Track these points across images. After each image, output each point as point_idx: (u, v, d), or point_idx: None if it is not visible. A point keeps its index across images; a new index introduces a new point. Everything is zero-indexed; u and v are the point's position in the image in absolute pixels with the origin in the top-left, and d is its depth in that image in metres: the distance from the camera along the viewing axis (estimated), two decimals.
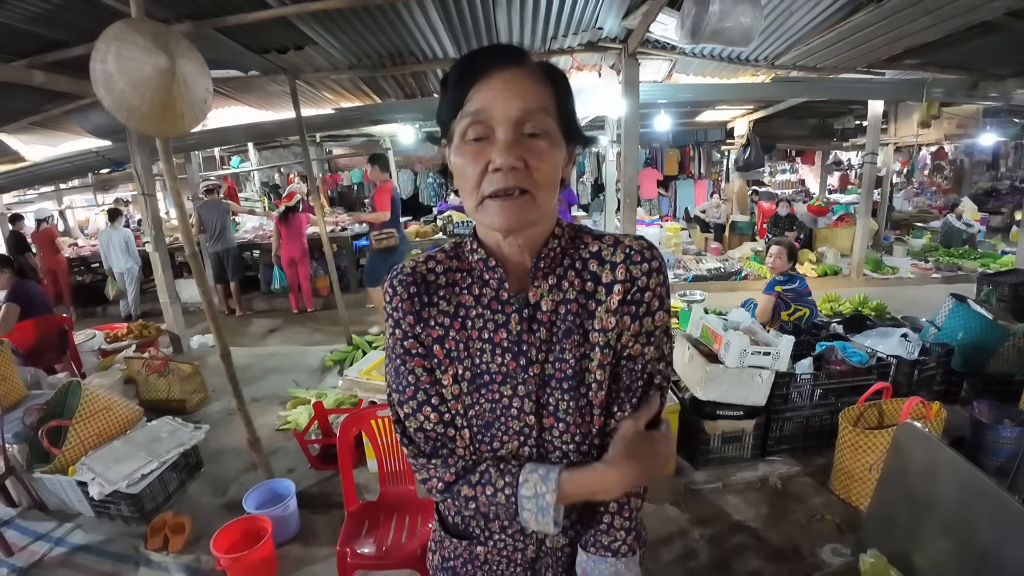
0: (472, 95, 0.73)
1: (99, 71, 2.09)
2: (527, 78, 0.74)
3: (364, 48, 4.32)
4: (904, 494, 1.82)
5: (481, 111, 0.73)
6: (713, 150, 11.89)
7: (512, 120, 0.72)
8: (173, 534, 2.55)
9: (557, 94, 0.77)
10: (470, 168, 0.74)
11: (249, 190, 10.90)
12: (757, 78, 5.45)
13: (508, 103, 0.72)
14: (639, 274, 0.81)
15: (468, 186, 0.76)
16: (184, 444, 2.96)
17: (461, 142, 0.75)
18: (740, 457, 2.97)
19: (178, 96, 2.12)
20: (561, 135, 0.77)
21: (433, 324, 0.83)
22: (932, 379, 3.23)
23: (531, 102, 0.73)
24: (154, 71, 2.07)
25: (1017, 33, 3.83)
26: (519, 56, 0.76)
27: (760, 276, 6.93)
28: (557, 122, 0.76)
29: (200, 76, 2.23)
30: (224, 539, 2.26)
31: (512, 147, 0.72)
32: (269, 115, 6.17)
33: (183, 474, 3.02)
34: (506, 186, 0.72)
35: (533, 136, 0.73)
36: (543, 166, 0.74)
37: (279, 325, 6.29)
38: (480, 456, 0.85)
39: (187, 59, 2.18)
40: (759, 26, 3.01)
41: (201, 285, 2.58)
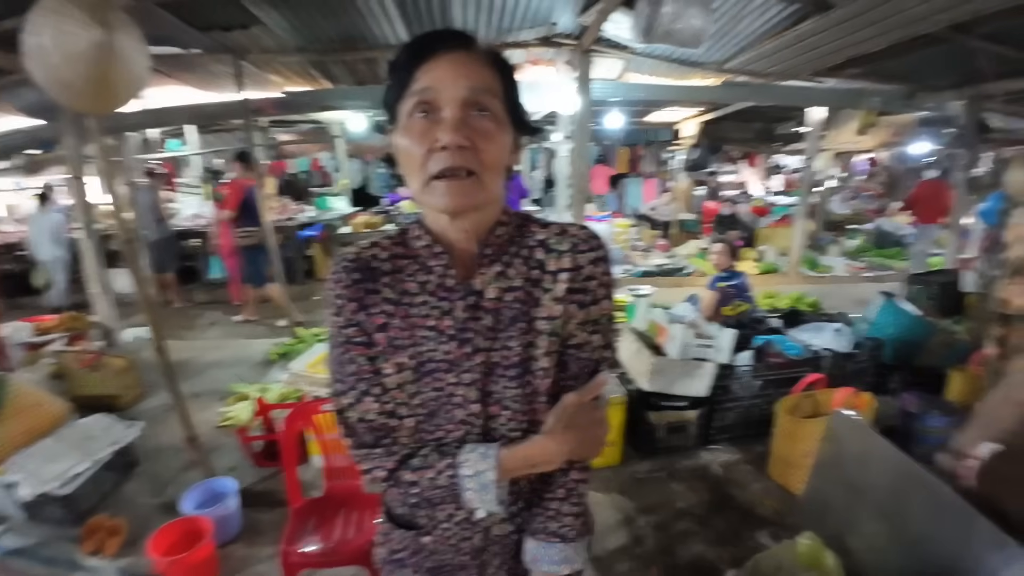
0: (419, 75, 0.73)
1: (32, 44, 1.94)
2: (475, 61, 0.74)
3: (314, 30, 4.19)
4: (837, 479, 1.93)
5: (428, 89, 0.72)
6: (662, 150, 12.18)
7: (460, 99, 0.72)
8: (109, 537, 2.42)
9: (504, 80, 0.78)
10: (415, 147, 0.73)
11: (189, 175, 10.38)
12: (707, 81, 5.60)
13: (456, 82, 0.72)
14: (585, 263, 0.82)
15: (414, 166, 0.75)
16: (118, 442, 2.81)
17: (407, 121, 0.75)
18: (684, 446, 3.07)
19: (113, 72, 2.00)
20: (508, 120, 0.77)
21: (376, 312, 0.82)
22: (864, 371, 3.43)
23: (478, 82, 0.73)
24: (90, 45, 1.94)
25: (956, 46, 4.03)
26: (467, 40, 0.76)
27: (704, 273, 7.15)
28: (504, 106, 0.76)
29: (138, 52, 2.10)
30: (162, 541, 2.16)
31: (459, 126, 0.71)
32: (211, 96, 5.89)
33: (118, 474, 2.87)
34: (453, 165, 0.72)
35: (481, 116, 0.73)
36: (490, 147, 0.74)
37: (220, 317, 6.03)
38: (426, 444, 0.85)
39: (125, 33, 2.05)
40: (709, 29, 3.10)
41: (136, 274, 2.45)
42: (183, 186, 9.47)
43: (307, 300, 6.41)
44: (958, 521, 1.43)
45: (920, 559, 1.51)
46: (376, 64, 5.24)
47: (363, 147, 11.76)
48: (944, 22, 3.44)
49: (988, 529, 1.34)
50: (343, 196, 9.79)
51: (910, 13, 3.28)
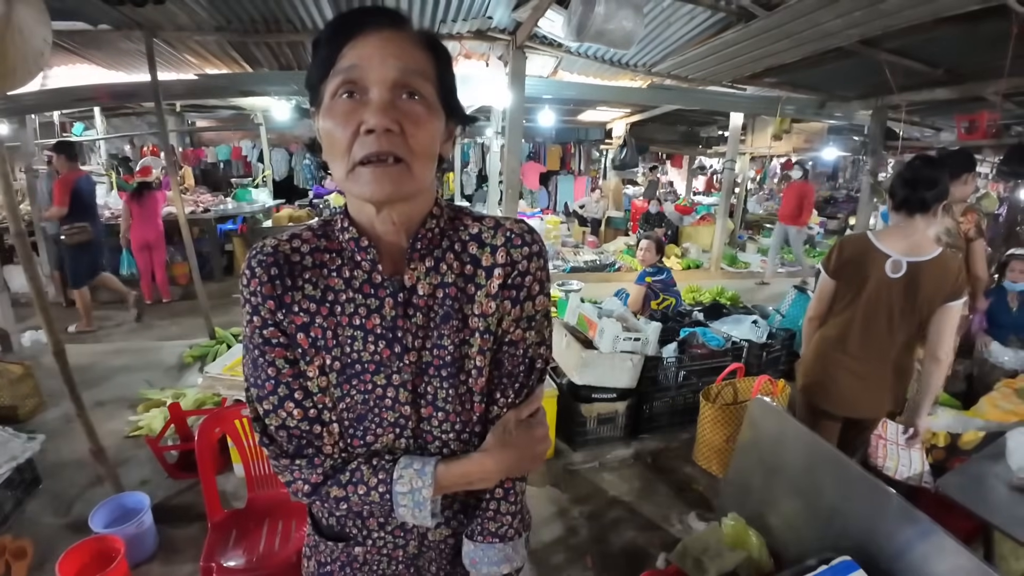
0: (346, 52, 0.68)
1: None
2: (406, 41, 0.69)
3: (234, 9, 3.94)
4: (757, 462, 2.04)
5: (355, 67, 0.67)
6: (593, 148, 12.46)
7: (388, 80, 0.67)
8: (15, 560, 2.19)
9: (438, 63, 0.73)
10: (340, 130, 0.68)
11: (94, 162, 9.54)
12: (635, 83, 5.77)
13: (385, 61, 0.67)
14: (520, 258, 0.79)
15: (338, 151, 0.69)
16: (17, 457, 2.54)
17: (331, 101, 0.69)
18: (614, 437, 3.16)
19: (11, 46, 1.78)
20: (440, 106, 0.73)
21: (297, 310, 0.76)
22: (778, 359, 3.66)
23: (410, 63, 0.68)
24: None
25: (865, 59, 4.32)
26: (399, 19, 0.71)
27: (632, 268, 7.40)
28: (436, 92, 0.72)
29: (38, 24, 1.90)
30: (71, 563, 1.99)
31: (387, 108, 0.66)
32: (120, 76, 5.42)
33: (19, 491, 2.60)
34: (379, 150, 0.66)
35: (410, 99, 0.68)
36: (420, 132, 0.69)
37: (127, 318, 5.58)
38: (352, 451, 0.80)
39: (25, 4, 1.84)
40: (640, 32, 3.18)
41: (29, 271, 2.22)
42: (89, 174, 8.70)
43: (226, 298, 6.05)
44: (869, 497, 1.53)
45: (835, 534, 1.60)
46: (301, 49, 5.02)
47: (288, 136, 11.26)
48: (855, 37, 3.65)
49: (899, 504, 1.43)
50: (266, 187, 9.34)
51: (824, 27, 3.47)
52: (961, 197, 2.95)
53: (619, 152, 9.76)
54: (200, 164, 11.17)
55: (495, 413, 0.83)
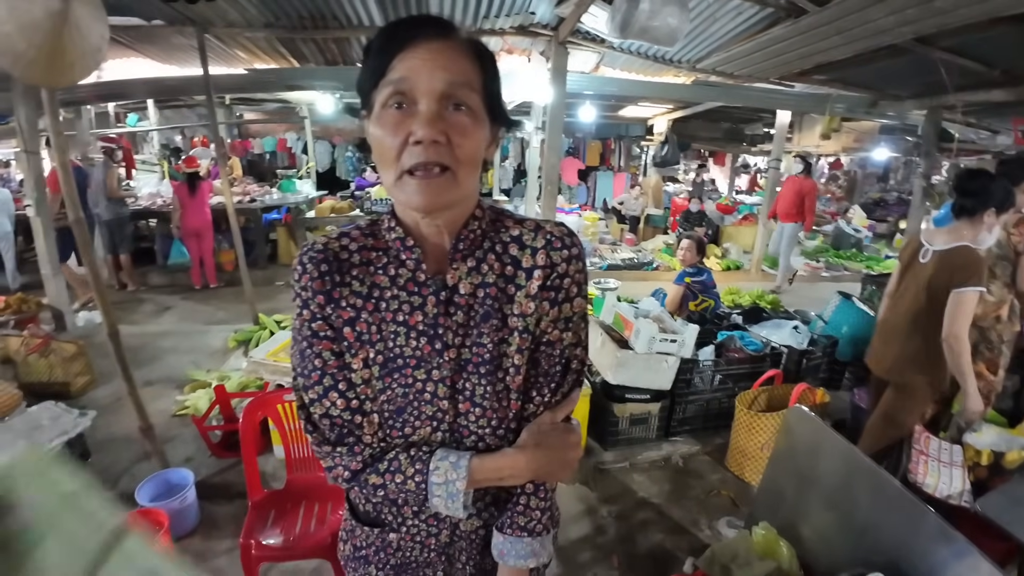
0: (395, 64, 0.70)
1: None
2: (454, 51, 0.71)
3: (283, 6, 4.05)
4: (792, 471, 1.99)
5: (404, 80, 0.69)
6: (633, 145, 12.30)
7: (436, 92, 0.69)
8: None
9: (484, 72, 0.75)
10: (389, 139, 0.71)
11: (147, 152, 9.97)
12: (679, 79, 5.67)
13: (433, 74, 0.69)
14: (559, 260, 0.81)
15: (387, 159, 0.72)
16: (68, 432, 2.68)
17: (381, 111, 0.72)
18: (646, 438, 3.13)
19: (69, 43, 1.89)
20: (486, 114, 0.75)
21: (344, 305, 0.80)
22: (818, 367, 3.55)
23: (457, 75, 0.70)
24: (45, 13, 1.83)
25: (919, 57, 4.15)
26: (447, 28, 0.72)
27: (670, 267, 7.29)
28: (482, 100, 0.74)
29: (96, 21, 1.99)
30: None
31: (435, 120, 0.69)
32: (173, 70, 5.65)
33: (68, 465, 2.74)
34: (426, 160, 0.69)
35: (457, 110, 0.71)
36: (466, 142, 0.71)
37: (177, 302, 5.82)
38: (390, 442, 0.83)
39: (82, 2, 1.94)
40: (685, 28, 3.13)
41: (86, 255, 2.34)
42: (141, 163, 9.10)
43: (269, 285, 6.27)
44: (906, 514, 1.49)
45: (868, 549, 1.57)
46: (347, 44, 5.12)
47: (331, 129, 11.51)
48: (908, 34, 3.54)
49: (935, 522, 1.39)
50: (309, 179, 9.57)
51: (876, 24, 3.38)
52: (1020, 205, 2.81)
53: (660, 149, 9.61)
54: (247, 155, 11.52)
55: (530, 411, 0.85)
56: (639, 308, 3.29)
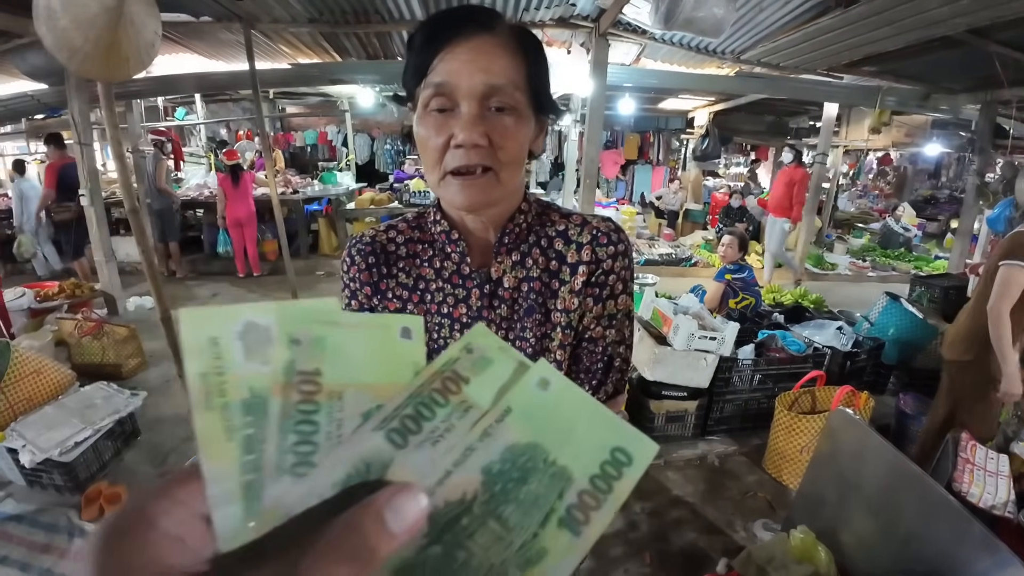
0: (436, 64, 0.68)
1: (42, 7, 1.92)
2: (497, 47, 0.69)
3: (326, 1, 4.12)
4: (833, 475, 1.94)
5: (444, 84, 0.68)
6: (673, 138, 12.07)
7: (477, 94, 0.67)
8: (108, 504, 2.44)
9: (529, 64, 0.72)
10: (432, 141, 0.70)
11: (194, 144, 10.31)
12: (722, 71, 5.53)
13: (473, 76, 0.67)
14: (605, 256, 0.81)
15: (430, 160, 0.72)
16: (120, 411, 2.82)
17: (424, 112, 0.71)
18: (682, 435, 3.09)
19: (124, 38, 1.97)
20: (530, 108, 0.73)
21: (391, 296, 0.82)
22: (863, 370, 3.44)
23: (499, 76, 0.68)
24: (101, 9, 1.91)
25: (974, 50, 3.98)
26: (490, 22, 0.70)
27: (709, 264, 7.15)
28: (527, 95, 0.72)
29: (149, 17, 2.07)
30: None
31: (476, 123, 0.67)
32: (220, 65, 5.82)
33: (119, 442, 2.88)
34: (468, 163, 0.69)
35: (500, 111, 0.69)
36: (508, 143, 0.70)
37: (223, 289, 6.04)
38: None
39: None
40: (731, 18, 3.05)
41: (142, 244, 2.44)
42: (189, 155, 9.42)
43: (311, 274, 6.43)
44: (950, 523, 1.43)
45: (910, 558, 1.52)
46: (388, 39, 5.18)
47: (371, 122, 11.68)
48: (962, 26, 3.42)
49: (980, 533, 1.34)
50: (349, 171, 9.74)
51: (929, 15, 3.27)
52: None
53: (701, 142, 9.42)
54: (289, 148, 11.81)
55: None
56: (678, 304, 3.25)
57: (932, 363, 3.61)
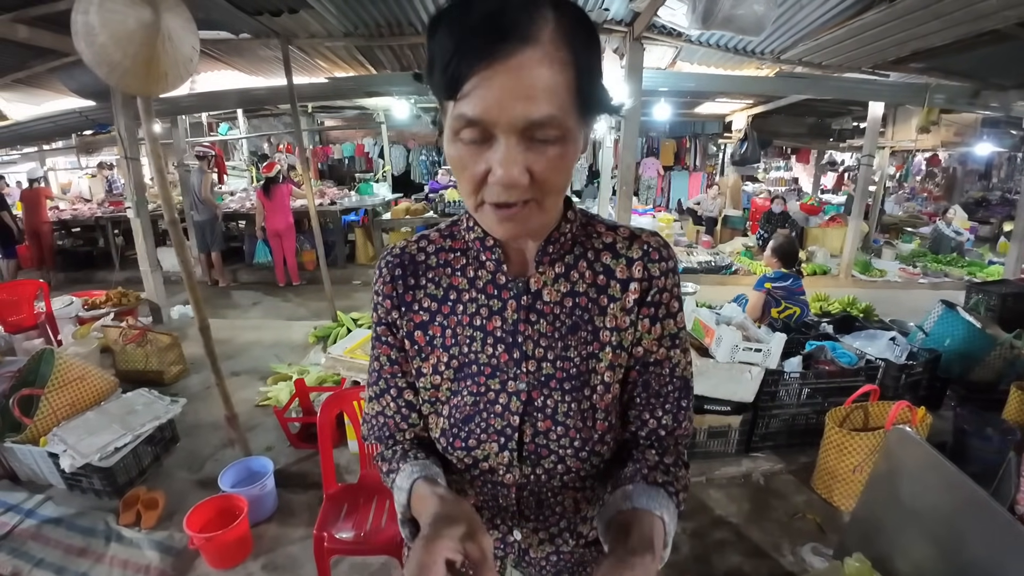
0: (468, 90, 0.56)
1: (80, 23, 1.97)
2: (539, 65, 0.56)
3: (361, 15, 4.18)
4: (892, 499, 1.81)
5: (478, 118, 0.57)
6: (710, 143, 11.84)
7: (517, 128, 0.57)
8: (146, 509, 2.48)
9: (578, 66, 0.59)
10: (466, 172, 0.62)
11: (237, 158, 10.66)
12: (761, 72, 5.38)
13: (514, 108, 0.56)
14: (658, 273, 0.74)
15: (466, 187, 0.64)
16: (160, 418, 2.88)
17: (455, 138, 0.61)
18: (725, 452, 2.96)
19: (162, 53, 2.01)
20: (579, 122, 0.62)
21: (417, 308, 0.77)
22: (918, 384, 3.24)
23: (543, 104, 0.56)
24: (138, 25, 1.95)
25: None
26: (528, 29, 0.55)
27: (750, 271, 6.94)
28: (576, 107, 0.60)
29: (187, 33, 2.11)
30: (198, 517, 2.20)
31: (516, 160, 0.58)
32: (260, 81, 5.99)
33: (158, 448, 2.94)
34: (508, 200, 0.61)
35: (543, 144, 0.59)
36: (552, 175, 0.61)
37: (263, 298, 6.18)
38: (451, 453, 0.78)
39: (173, 14, 2.06)
40: (772, 15, 2.95)
41: (180, 254, 2.48)
42: (232, 169, 9.73)
43: (347, 284, 6.53)
44: (1017, 550, 1.32)
45: None
46: (421, 50, 5.22)
47: (406, 134, 11.86)
48: (1013, 19, 3.31)
49: None
50: (385, 182, 9.88)
51: (978, 8, 3.17)
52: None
53: (739, 147, 9.20)
54: (327, 160, 12.09)
55: (645, 433, 0.78)
56: (720, 314, 3.12)
57: (991, 376, 3.41)
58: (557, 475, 0.77)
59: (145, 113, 2.26)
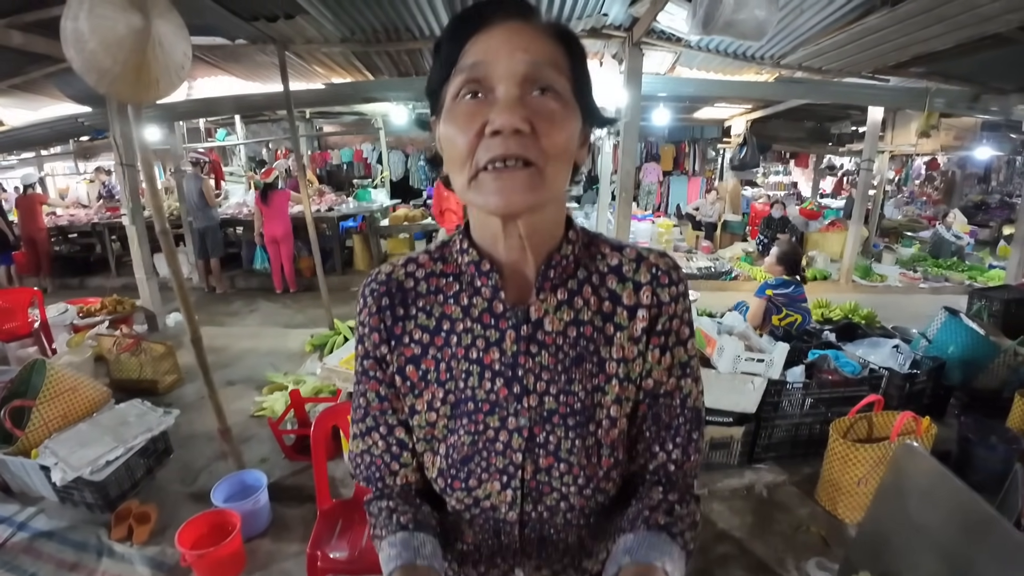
0: (468, 48, 0.60)
1: (69, 29, 1.93)
2: (536, 32, 0.60)
3: (358, 21, 4.15)
4: (899, 515, 1.77)
5: (479, 64, 0.58)
6: (709, 147, 11.82)
7: (518, 75, 0.58)
8: (138, 524, 2.43)
9: (572, 58, 0.63)
10: (462, 135, 0.59)
11: (235, 164, 10.62)
12: (761, 76, 5.36)
13: (512, 55, 0.58)
14: (668, 299, 0.69)
15: (458, 157, 0.60)
16: (152, 430, 2.82)
17: (453, 103, 0.61)
18: (727, 464, 2.92)
19: (153, 59, 1.97)
20: (576, 104, 0.63)
21: (408, 341, 0.71)
22: (922, 393, 3.20)
23: (540, 55, 0.59)
24: (128, 31, 1.91)
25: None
26: (527, 9, 0.61)
27: (750, 277, 6.90)
28: (572, 87, 0.62)
29: (178, 39, 2.07)
30: (190, 533, 2.16)
31: (516, 106, 0.57)
32: (257, 87, 5.96)
33: (151, 460, 2.89)
34: (506, 153, 0.57)
35: (543, 95, 0.59)
36: (555, 131, 0.58)
37: (260, 305, 6.14)
38: (451, 494, 0.74)
39: (165, 20, 2.02)
40: (773, 20, 2.91)
41: (172, 265, 2.44)
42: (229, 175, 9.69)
43: (345, 291, 6.48)
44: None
45: None
46: (419, 56, 5.20)
47: (404, 139, 11.84)
48: (1015, 22, 3.31)
49: None
50: (384, 188, 9.85)
51: (981, 11, 3.16)
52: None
53: (738, 151, 9.18)
54: (326, 165, 12.05)
55: (655, 465, 0.74)
56: (722, 323, 3.08)
57: (995, 383, 3.37)
58: (561, 512, 0.72)
59: (136, 121, 2.23)
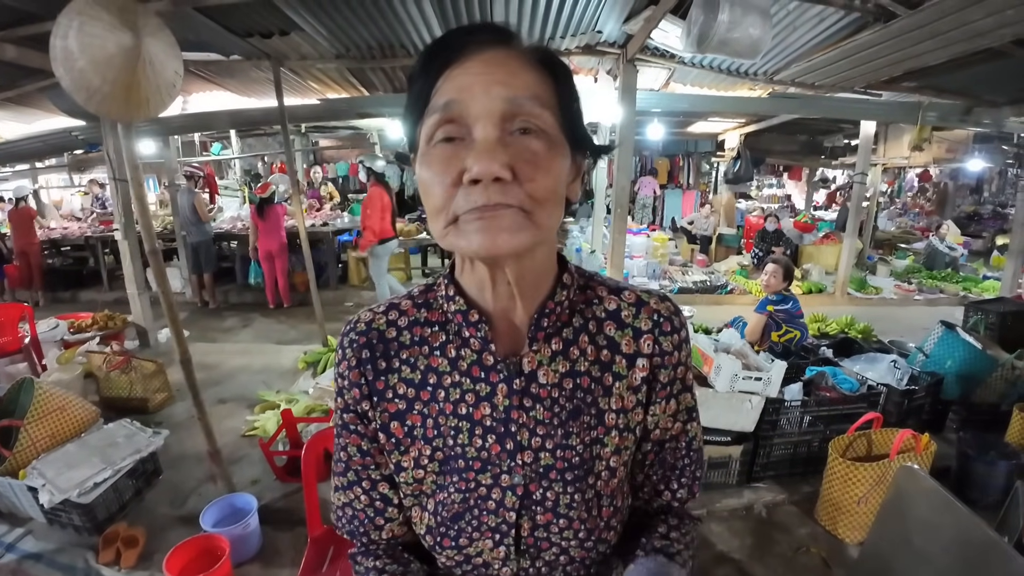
0: (441, 84, 0.54)
1: (59, 47, 1.91)
2: (516, 60, 0.54)
3: (352, 37, 4.16)
4: (900, 539, 1.73)
5: (453, 103, 0.52)
6: (703, 161, 11.90)
7: (495, 113, 0.52)
8: (126, 547, 2.37)
9: (558, 86, 0.57)
10: (437, 182, 0.53)
11: (230, 178, 10.61)
12: (754, 92, 5.40)
13: (489, 90, 0.52)
14: (670, 348, 0.67)
15: (435, 204, 0.55)
16: (141, 451, 2.77)
17: (427, 147, 0.55)
18: (726, 483, 2.88)
19: (143, 78, 1.95)
20: (564, 138, 0.57)
21: (391, 397, 0.67)
22: (921, 408, 3.18)
23: (520, 90, 0.53)
24: (118, 50, 1.89)
25: (1018, 61, 3.85)
26: (505, 35, 0.55)
27: (746, 291, 6.90)
28: (558, 119, 0.56)
29: (169, 58, 2.05)
30: (179, 558, 2.10)
31: (495, 150, 0.51)
32: (252, 102, 5.96)
33: (139, 482, 2.83)
34: (487, 203, 0.52)
35: (525, 135, 0.53)
36: (539, 176, 0.53)
37: (253, 320, 6.08)
38: (440, 552, 0.70)
39: (155, 38, 2.00)
40: (768, 39, 2.93)
41: (161, 286, 2.40)
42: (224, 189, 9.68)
43: (339, 305, 6.44)
44: None
45: None
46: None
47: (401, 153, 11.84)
48: (1008, 36, 3.31)
49: None
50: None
51: (973, 26, 3.16)
52: None
53: (732, 165, 9.23)
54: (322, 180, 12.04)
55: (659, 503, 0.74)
56: (719, 341, 3.06)
57: (993, 397, 3.36)
58: (560, 566, 0.70)
59: (126, 139, 2.20)
